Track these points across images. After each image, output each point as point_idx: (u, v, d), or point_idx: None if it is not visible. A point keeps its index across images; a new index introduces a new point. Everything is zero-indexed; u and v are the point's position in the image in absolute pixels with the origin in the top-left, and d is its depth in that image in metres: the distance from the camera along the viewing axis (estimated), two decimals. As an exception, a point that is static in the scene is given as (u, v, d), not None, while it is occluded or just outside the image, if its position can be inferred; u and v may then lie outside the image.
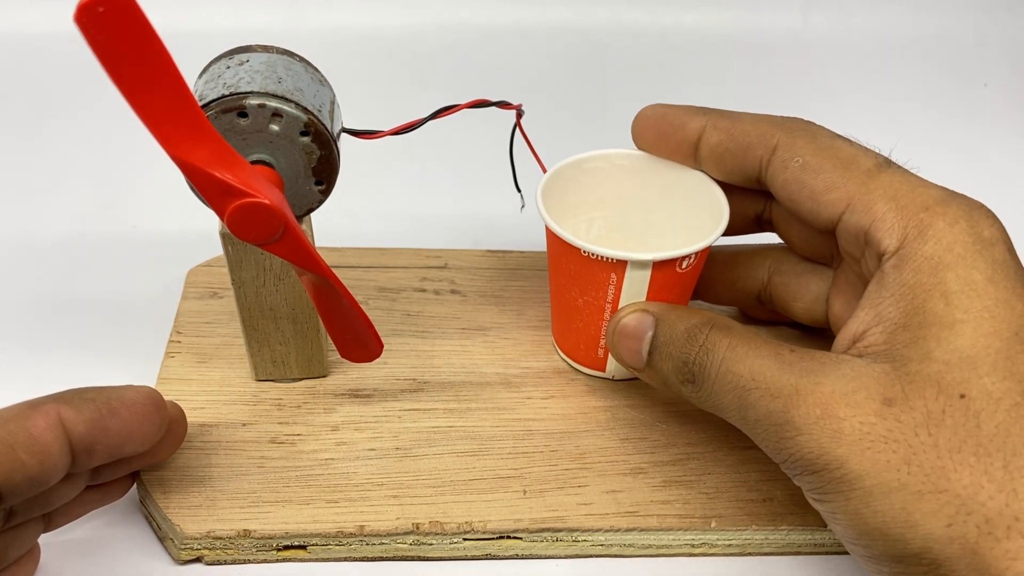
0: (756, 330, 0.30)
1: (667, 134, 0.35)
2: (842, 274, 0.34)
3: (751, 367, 0.28)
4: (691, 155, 0.35)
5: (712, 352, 0.29)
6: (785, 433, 0.26)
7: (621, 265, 0.33)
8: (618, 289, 0.34)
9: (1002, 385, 0.24)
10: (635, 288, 0.34)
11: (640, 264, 0.33)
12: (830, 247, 0.34)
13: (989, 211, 0.27)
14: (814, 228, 0.31)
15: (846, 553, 0.35)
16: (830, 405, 0.25)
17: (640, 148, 0.37)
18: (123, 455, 0.30)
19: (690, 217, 0.37)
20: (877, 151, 0.30)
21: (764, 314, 0.40)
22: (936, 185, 0.29)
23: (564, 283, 0.36)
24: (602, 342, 0.37)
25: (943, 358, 0.24)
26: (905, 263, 0.26)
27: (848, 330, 0.28)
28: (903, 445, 0.24)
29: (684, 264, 0.34)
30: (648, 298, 0.35)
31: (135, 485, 0.34)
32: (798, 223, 0.35)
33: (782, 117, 0.32)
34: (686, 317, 0.31)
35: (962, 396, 0.24)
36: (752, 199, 0.36)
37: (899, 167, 0.30)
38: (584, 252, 0.34)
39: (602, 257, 0.33)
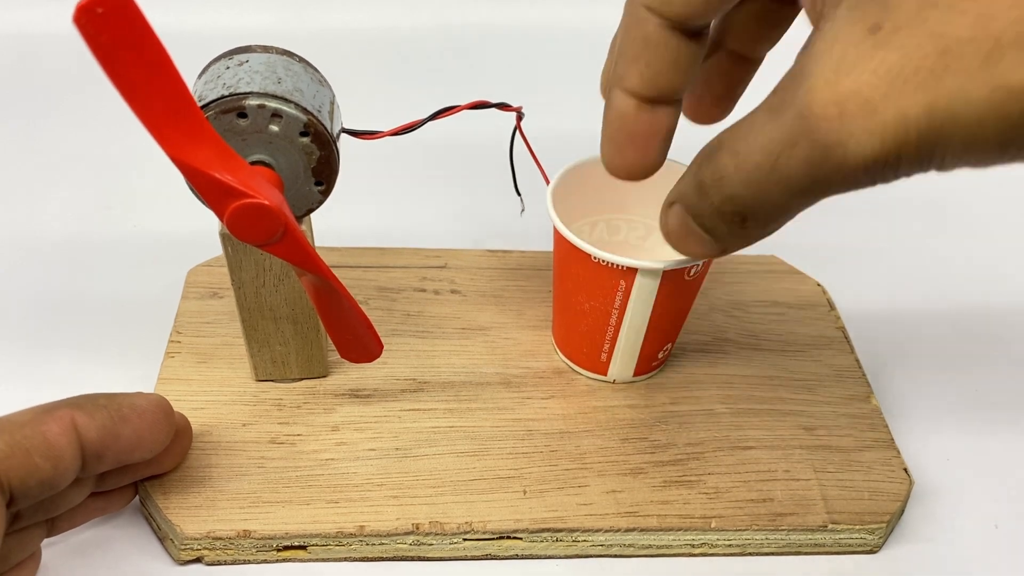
0: (735, 125, 0.25)
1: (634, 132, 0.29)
2: None
3: (759, 149, 0.23)
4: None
5: (725, 175, 0.24)
6: (838, 161, 0.21)
7: (631, 272, 0.33)
8: (626, 296, 0.34)
9: None
10: (644, 295, 0.34)
11: (651, 272, 0.33)
12: None
13: None
14: None
15: (846, 553, 0.35)
16: (838, 98, 0.21)
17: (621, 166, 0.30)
18: (131, 461, 0.30)
19: None
20: None
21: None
22: None
23: (570, 287, 0.36)
24: (605, 347, 0.37)
25: None
26: None
27: (809, 15, 0.24)
28: (907, 50, 0.20)
29: (692, 272, 0.34)
30: (655, 305, 0.35)
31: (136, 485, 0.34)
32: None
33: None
34: (688, 172, 0.26)
35: None
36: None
37: None
38: (595, 258, 0.33)
39: (613, 264, 0.33)
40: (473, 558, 0.34)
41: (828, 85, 0.21)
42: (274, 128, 0.28)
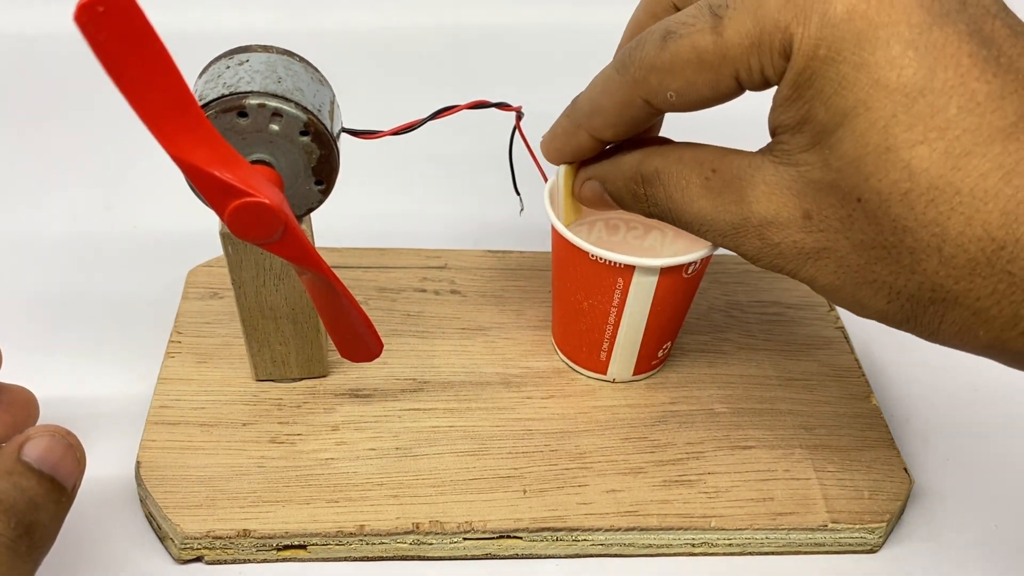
0: (680, 153, 0.30)
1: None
2: None
3: (693, 215, 0.29)
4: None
5: (658, 204, 0.30)
6: (746, 260, 0.29)
7: (629, 270, 0.33)
8: (624, 294, 0.34)
9: (888, 179, 0.25)
10: (641, 293, 0.34)
11: (648, 270, 0.33)
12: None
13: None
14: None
15: (846, 553, 0.35)
16: (764, 235, 0.28)
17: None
18: None
19: None
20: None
21: None
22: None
23: (569, 286, 0.36)
24: (604, 345, 0.37)
25: (836, 165, 0.25)
26: (788, 79, 0.26)
27: (770, 123, 0.28)
28: (831, 252, 0.27)
29: (690, 269, 0.34)
30: (654, 303, 0.35)
31: (137, 485, 0.34)
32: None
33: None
34: (620, 173, 0.31)
35: (859, 200, 0.25)
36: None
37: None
38: (592, 256, 0.34)
39: (610, 262, 0.33)
40: (473, 558, 0.34)
41: (761, 226, 0.28)
42: (274, 127, 0.28)
